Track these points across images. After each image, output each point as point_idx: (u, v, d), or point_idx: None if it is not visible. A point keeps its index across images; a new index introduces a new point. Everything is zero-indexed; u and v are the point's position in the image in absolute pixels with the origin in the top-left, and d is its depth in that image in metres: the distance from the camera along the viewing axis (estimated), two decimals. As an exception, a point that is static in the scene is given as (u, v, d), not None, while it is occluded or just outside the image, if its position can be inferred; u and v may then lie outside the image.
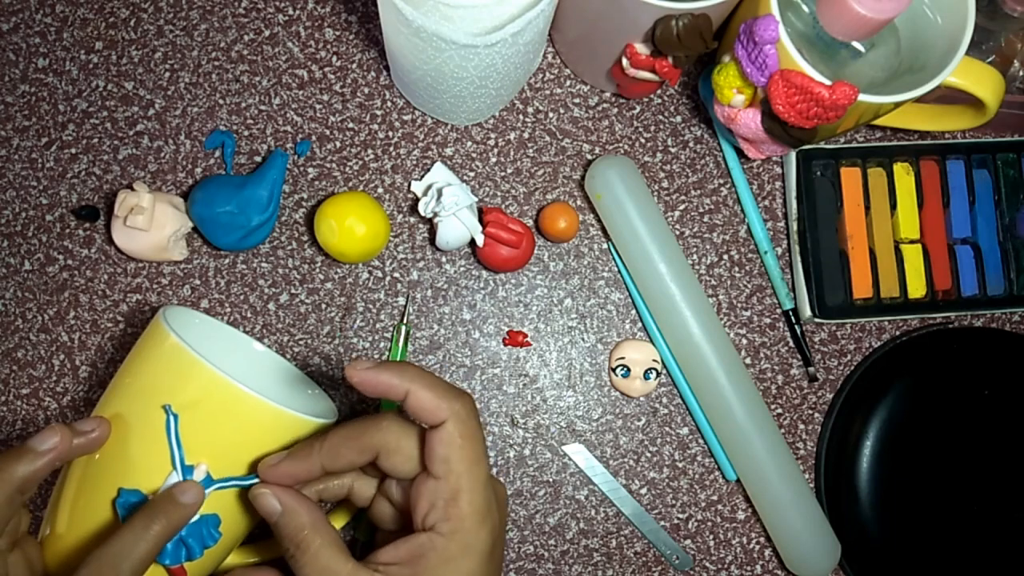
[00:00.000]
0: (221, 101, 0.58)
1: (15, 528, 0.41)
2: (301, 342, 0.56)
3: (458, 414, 0.39)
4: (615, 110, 0.59)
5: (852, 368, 0.58)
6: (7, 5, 0.58)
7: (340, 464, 0.41)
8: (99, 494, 0.42)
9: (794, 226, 0.58)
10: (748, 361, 0.58)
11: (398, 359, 0.55)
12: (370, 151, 0.58)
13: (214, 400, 0.42)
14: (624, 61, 0.51)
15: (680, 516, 0.57)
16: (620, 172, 0.55)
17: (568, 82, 0.59)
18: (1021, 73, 0.56)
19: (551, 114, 0.58)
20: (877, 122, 0.54)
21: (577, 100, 0.59)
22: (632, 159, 0.58)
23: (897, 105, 0.46)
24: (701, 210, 0.59)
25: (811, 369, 0.58)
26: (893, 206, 0.58)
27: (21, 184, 0.57)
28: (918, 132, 0.59)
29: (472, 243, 0.55)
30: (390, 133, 0.58)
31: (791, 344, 0.58)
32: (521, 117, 0.58)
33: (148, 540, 0.39)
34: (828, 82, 0.44)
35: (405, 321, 0.56)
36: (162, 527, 0.39)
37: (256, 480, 0.42)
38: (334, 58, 0.58)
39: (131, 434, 0.42)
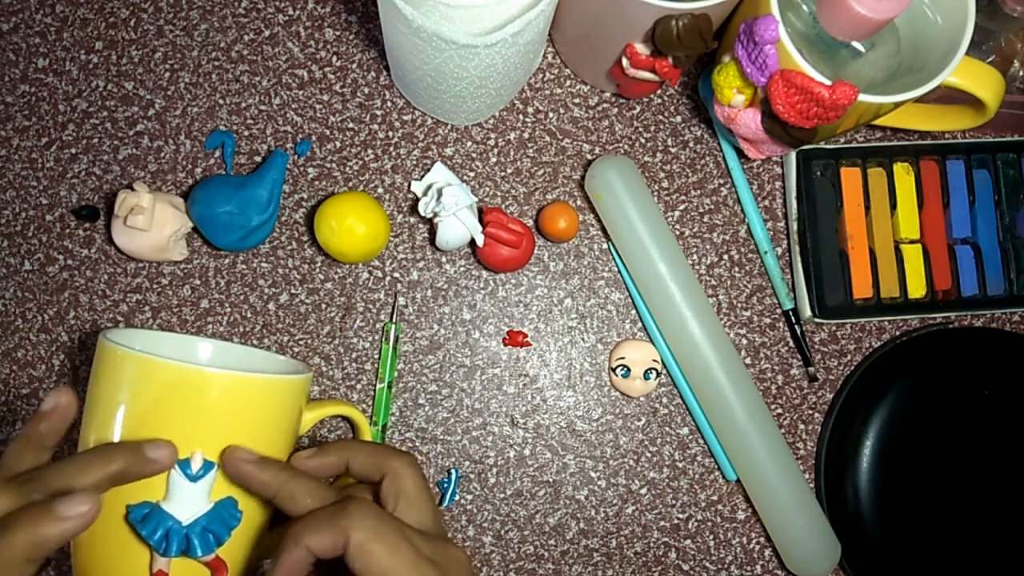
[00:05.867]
0: (221, 101, 0.58)
1: None
2: (301, 342, 0.56)
3: (396, 471, 0.40)
4: (615, 110, 0.59)
5: (852, 368, 0.58)
6: (7, 5, 0.58)
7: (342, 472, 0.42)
8: (110, 523, 0.41)
9: (794, 226, 0.58)
10: (748, 361, 0.58)
11: (389, 361, 0.56)
12: (370, 151, 0.58)
13: (179, 389, 0.41)
14: (624, 61, 0.51)
15: (680, 516, 0.57)
16: (620, 172, 0.55)
17: (568, 82, 0.59)
18: (1021, 73, 0.56)
19: (551, 114, 0.58)
20: (877, 122, 0.54)
21: (577, 100, 0.59)
22: (632, 159, 0.58)
23: (897, 105, 0.46)
24: (701, 210, 0.59)
25: (811, 369, 0.58)
26: (893, 206, 0.58)
27: (21, 184, 0.57)
28: (918, 132, 0.59)
29: (472, 243, 0.55)
30: (390, 133, 0.58)
31: (791, 344, 0.58)
32: (521, 117, 0.58)
33: (101, 465, 0.38)
34: (828, 82, 0.44)
35: (394, 320, 0.56)
36: (119, 466, 0.38)
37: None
38: (334, 58, 0.58)
39: None
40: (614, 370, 0.56)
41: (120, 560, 0.42)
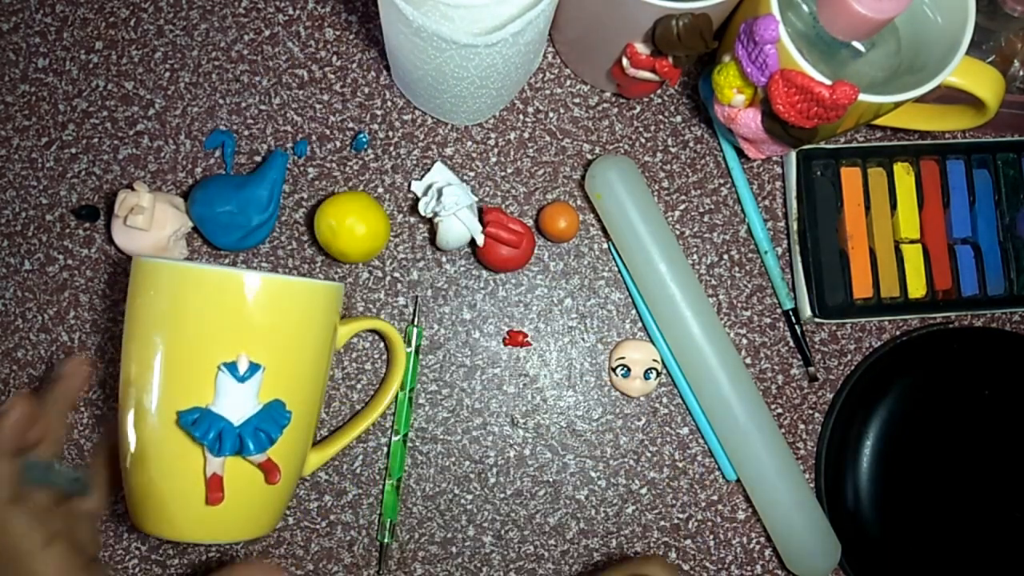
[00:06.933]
0: (221, 101, 0.58)
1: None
2: (301, 342, 0.56)
3: None
4: (615, 110, 0.59)
5: (852, 368, 0.58)
6: (7, 5, 0.58)
7: None
8: (162, 430, 0.44)
9: (794, 226, 0.58)
10: (748, 361, 0.58)
11: (410, 365, 0.55)
12: (370, 151, 0.58)
13: (220, 293, 0.43)
14: (624, 61, 0.51)
15: (680, 516, 0.57)
16: (620, 172, 0.55)
17: (568, 82, 0.59)
18: (1021, 73, 0.56)
19: (551, 114, 0.58)
20: (877, 122, 0.54)
21: (577, 100, 0.59)
22: (632, 159, 0.58)
23: (897, 105, 0.46)
24: (701, 210, 0.59)
25: (811, 369, 0.58)
26: (893, 206, 0.58)
27: (21, 184, 0.57)
28: (918, 132, 0.59)
29: (472, 243, 0.55)
30: (390, 133, 0.58)
31: (791, 344, 0.58)
32: (521, 117, 0.58)
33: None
34: (828, 82, 0.44)
35: (415, 323, 0.56)
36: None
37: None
38: (334, 58, 0.58)
39: (164, 362, 0.44)
40: (614, 370, 0.56)
41: (174, 468, 0.44)
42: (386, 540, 0.55)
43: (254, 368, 0.43)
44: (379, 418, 0.55)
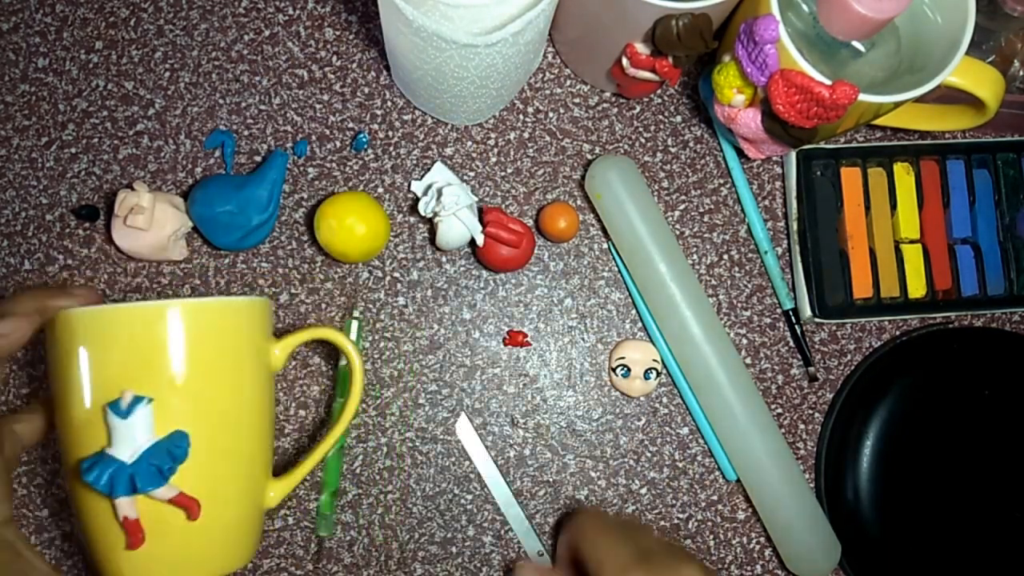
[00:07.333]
0: (221, 101, 0.58)
1: None
2: (301, 342, 0.56)
3: None
4: (615, 110, 0.59)
5: (852, 368, 0.58)
6: (7, 5, 0.58)
7: None
8: (74, 484, 0.42)
9: (794, 226, 0.58)
10: (748, 361, 0.58)
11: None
12: (370, 151, 0.58)
13: (94, 332, 0.42)
14: (624, 61, 0.51)
15: (680, 516, 0.57)
16: (620, 172, 0.55)
17: (568, 82, 0.59)
18: (1021, 73, 0.56)
19: (551, 114, 0.58)
20: (877, 122, 0.54)
21: (577, 100, 0.59)
22: (632, 159, 0.58)
23: (897, 105, 0.46)
24: (701, 210, 0.59)
25: (811, 369, 0.58)
26: (893, 206, 0.58)
27: (21, 184, 0.57)
28: (918, 132, 0.59)
29: (472, 243, 0.55)
30: (390, 133, 0.58)
31: (791, 344, 0.58)
32: (521, 117, 0.58)
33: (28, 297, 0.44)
34: (828, 82, 0.44)
35: (357, 315, 0.53)
36: (41, 295, 0.45)
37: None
38: (334, 58, 0.58)
39: (62, 413, 0.43)
40: (614, 370, 0.56)
41: (92, 516, 0.42)
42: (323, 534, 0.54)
43: (137, 400, 0.40)
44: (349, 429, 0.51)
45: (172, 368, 0.41)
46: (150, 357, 0.41)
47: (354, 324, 0.53)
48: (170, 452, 0.41)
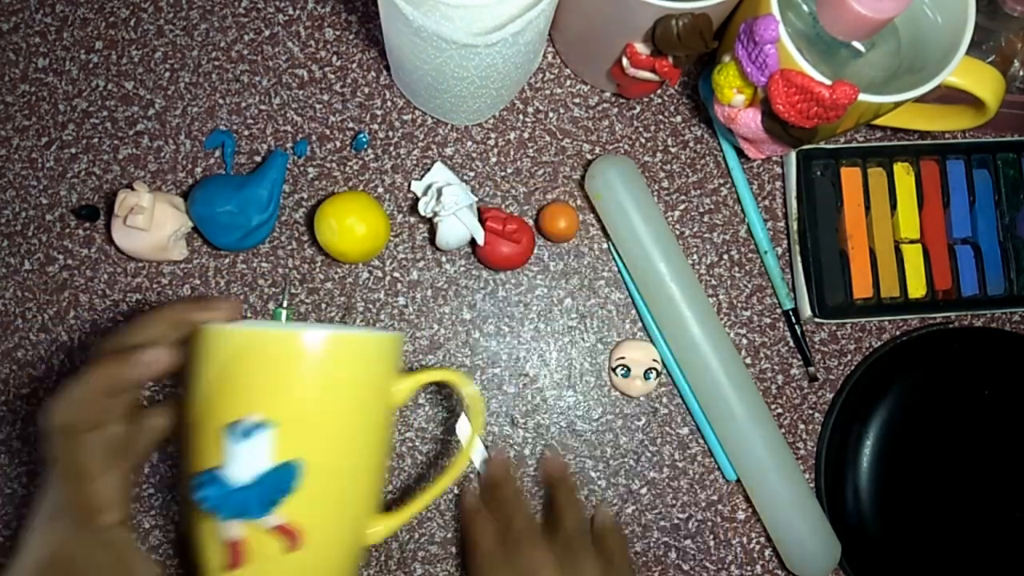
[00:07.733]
0: (221, 101, 0.58)
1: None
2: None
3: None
4: (615, 110, 0.59)
5: (852, 368, 0.58)
6: (7, 5, 0.58)
7: None
8: (187, 498, 0.42)
9: (794, 226, 0.58)
10: (748, 361, 0.58)
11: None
12: (370, 151, 0.58)
13: (240, 352, 0.41)
14: (624, 61, 0.51)
15: (680, 516, 0.57)
16: (620, 172, 0.55)
17: (568, 82, 0.59)
18: (1021, 73, 0.56)
19: (551, 114, 0.58)
20: (877, 122, 0.54)
21: (577, 100, 0.59)
22: (632, 159, 0.58)
23: (897, 105, 0.46)
24: (701, 210, 0.59)
25: (811, 369, 0.58)
26: (893, 206, 0.58)
27: (21, 184, 0.57)
28: (918, 132, 0.59)
29: (472, 243, 0.55)
30: (390, 133, 0.58)
31: (791, 344, 0.58)
32: (521, 117, 0.58)
33: (165, 316, 0.42)
34: (828, 82, 0.44)
35: (284, 306, 0.50)
36: (178, 312, 0.42)
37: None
38: (334, 58, 0.58)
39: (187, 426, 0.43)
40: (614, 370, 0.56)
41: (198, 529, 0.42)
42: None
43: (260, 427, 0.40)
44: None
45: (301, 396, 0.41)
46: (281, 382, 0.41)
47: (283, 313, 0.50)
48: (281, 482, 0.40)
